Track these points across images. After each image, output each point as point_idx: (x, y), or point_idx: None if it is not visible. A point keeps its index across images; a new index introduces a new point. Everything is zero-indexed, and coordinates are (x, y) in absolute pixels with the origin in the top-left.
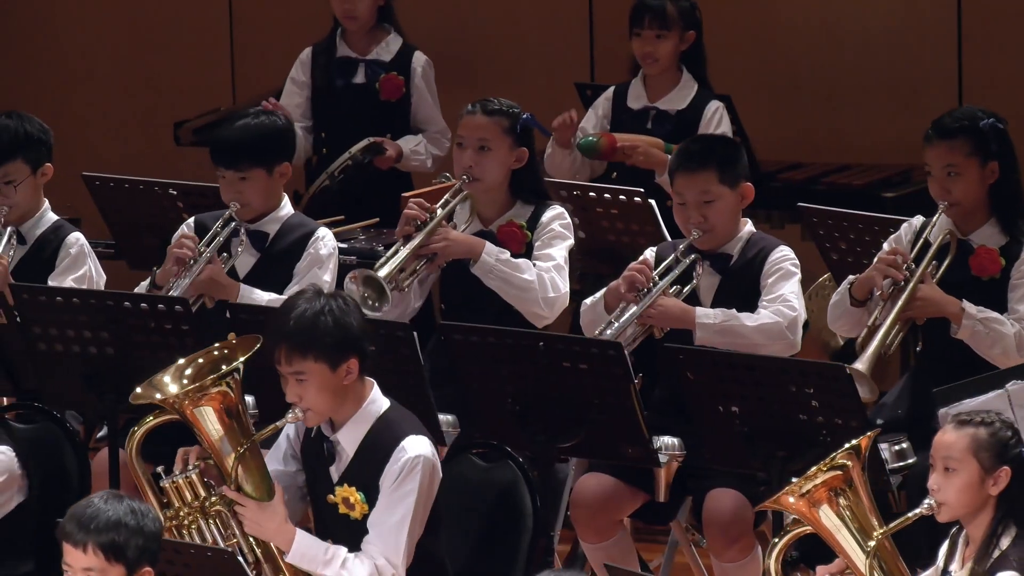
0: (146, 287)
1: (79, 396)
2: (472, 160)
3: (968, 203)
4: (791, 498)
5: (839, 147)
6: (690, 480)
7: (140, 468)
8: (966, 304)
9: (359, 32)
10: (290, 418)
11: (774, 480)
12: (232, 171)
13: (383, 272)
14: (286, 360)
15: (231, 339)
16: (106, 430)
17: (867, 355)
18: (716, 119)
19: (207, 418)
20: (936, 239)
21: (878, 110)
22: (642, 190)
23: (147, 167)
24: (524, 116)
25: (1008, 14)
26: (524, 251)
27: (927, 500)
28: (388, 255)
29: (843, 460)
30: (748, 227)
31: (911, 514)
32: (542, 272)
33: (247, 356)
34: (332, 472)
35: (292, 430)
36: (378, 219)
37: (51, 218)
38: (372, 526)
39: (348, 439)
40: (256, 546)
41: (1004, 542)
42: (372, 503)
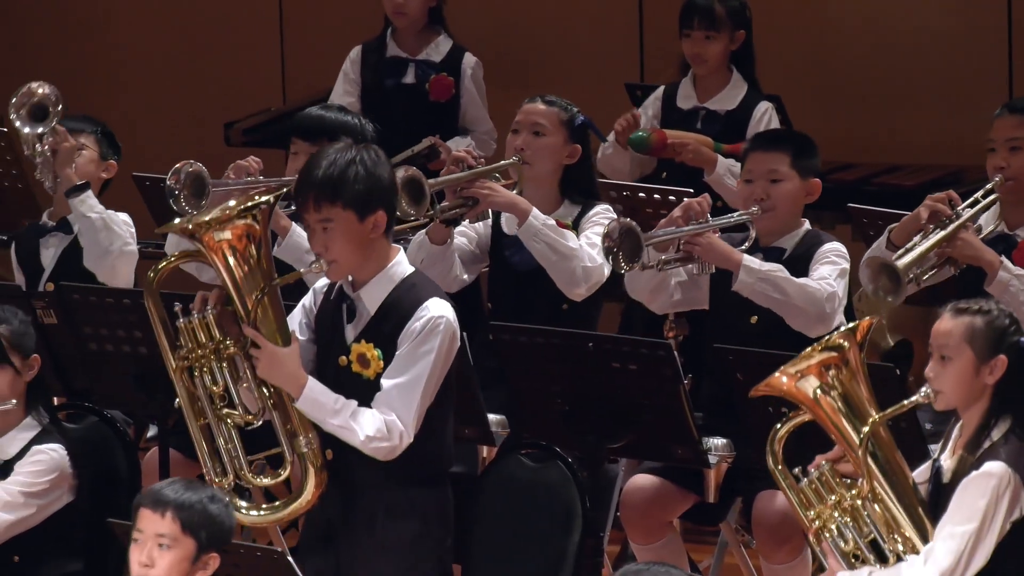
0: None
1: (129, 396)
2: (524, 143)
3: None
4: (783, 378)
5: (889, 148)
6: (740, 481)
7: (156, 307)
8: (1005, 260)
9: (409, 30)
10: (314, 268)
11: None
12: (308, 144)
13: (432, 181)
14: (314, 206)
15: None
16: (156, 430)
17: (907, 256)
18: (766, 119)
19: (229, 249)
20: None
21: (928, 110)
22: (692, 190)
23: None
24: (582, 117)
25: None
26: None
27: (924, 388)
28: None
29: (840, 340)
30: (806, 225)
31: (907, 401)
32: (583, 243)
33: (276, 193)
34: (348, 331)
35: (309, 299)
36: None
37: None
38: (385, 383)
39: (370, 296)
40: (267, 393)
41: (996, 433)
42: (388, 362)
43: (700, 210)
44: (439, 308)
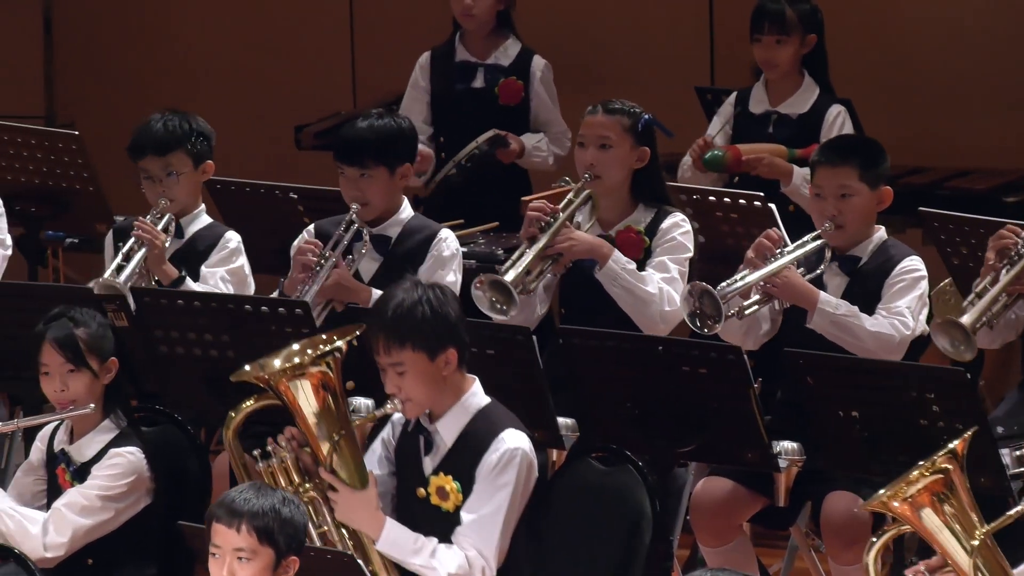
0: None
1: (200, 399)
2: (593, 158)
3: None
4: (895, 502)
5: (960, 151)
6: (810, 485)
7: (238, 452)
8: None
9: (477, 33)
10: (388, 408)
11: None
12: (354, 168)
13: (510, 276)
14: (384, 350)
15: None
16: None
17: (973, 311)
18: (839, 123)
19: (304, 397)
20: None
21: (1000, 114)
22: (762, 194)
23: (268, 171)
24: (646, 116)
25: None
26: (642, 256)
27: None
28: (514, 258)
29: (944, 464)
30: (881, 232)
31: (1012, 512)
32: (662, 285)
33: (348, 338)
34: (426, 464)
35: (388, 432)
36: (497, 223)
37: (207, 219)
38: (465, 517)
39: (447, 429)
40: (347, 535)
41: None
42: (467, 494)
43: (772, 244)
44: (515, 439)
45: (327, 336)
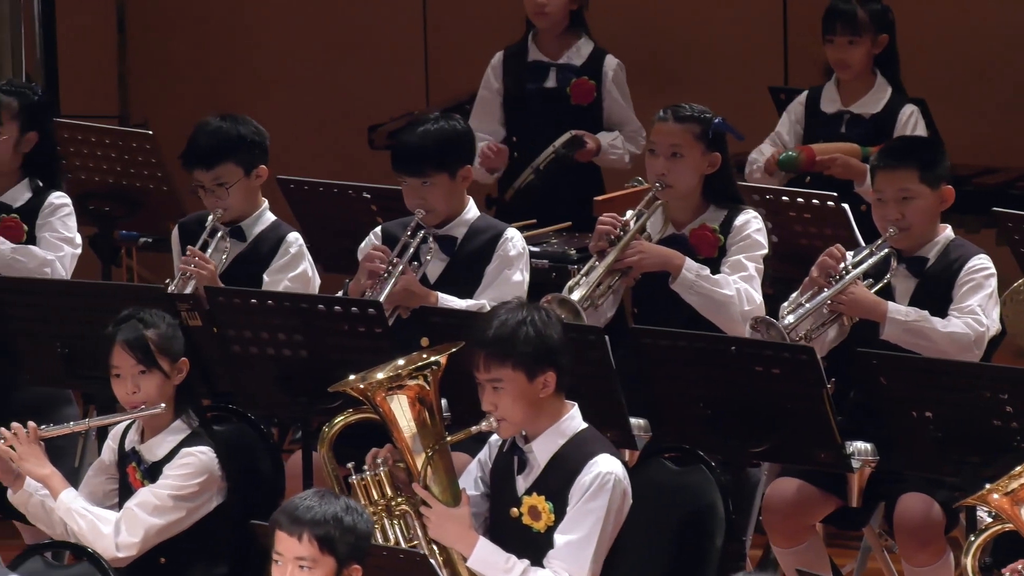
0: None
1: (272, 398)
2: (664, 168)
3: None
4: (995, 495)
5: None
6: (883, 485)
7: (331, 466)
8: None
9: (550, 32)
10: (484, 426)
11: (967, 486)
12: (415, 178)
13: (577, 295)
14: (484, 366)
15: (423, 343)
16: (300, 433)
17: None
18: (912, 123)
19: (400, 410)
20: None
21: None
22: (835, 194)
23: (341, 170)
24: (716, 121)
25: None
26: (717, 255)
27: None
28: (582, 273)
29: None
30: (947, 232)
31: None
32: (738, 285)
33: (447, 352)
34: (519, 483)
35: (485, 453)
36: (570, 223)
37: (270, 217)
38: (558, 539)
39: (542, 449)
40: (438, 551)
41: None
42: (559, 517)
43: (835, 261)
44: (609, 464)
45: (432, 351)
